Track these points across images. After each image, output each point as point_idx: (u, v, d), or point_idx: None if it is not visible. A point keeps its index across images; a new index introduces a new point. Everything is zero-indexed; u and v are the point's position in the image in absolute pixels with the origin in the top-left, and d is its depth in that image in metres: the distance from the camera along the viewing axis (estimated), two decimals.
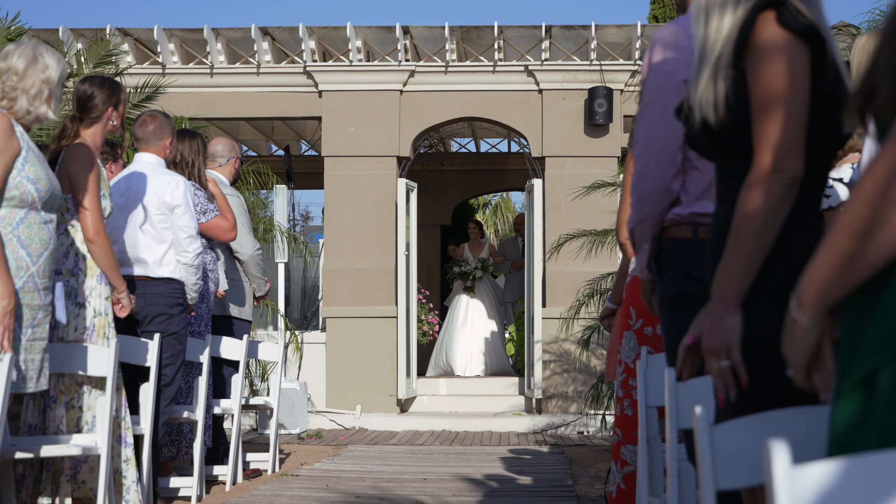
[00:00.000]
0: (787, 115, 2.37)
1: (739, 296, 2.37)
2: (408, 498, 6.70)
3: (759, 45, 2.41)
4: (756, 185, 2.37)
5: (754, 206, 2.37)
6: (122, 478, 5.29)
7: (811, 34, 2.40)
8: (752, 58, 2.43)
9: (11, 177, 4.41)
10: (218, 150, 7.50)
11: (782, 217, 2.38)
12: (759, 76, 2.40)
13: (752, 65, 2.43)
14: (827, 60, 2.43)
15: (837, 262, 1.74)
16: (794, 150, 2.37)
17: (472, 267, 14.00)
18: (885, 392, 1.67)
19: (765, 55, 2.40)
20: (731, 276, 2.38)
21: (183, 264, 6.16)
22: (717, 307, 2.39)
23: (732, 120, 2.46)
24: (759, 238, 2.36)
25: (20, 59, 4.54)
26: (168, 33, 12.48)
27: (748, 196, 2.38)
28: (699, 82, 2.50)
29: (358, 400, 12.06)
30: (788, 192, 2.37)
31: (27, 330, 4.46)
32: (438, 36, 12.43)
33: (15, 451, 4.73)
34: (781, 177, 2.36)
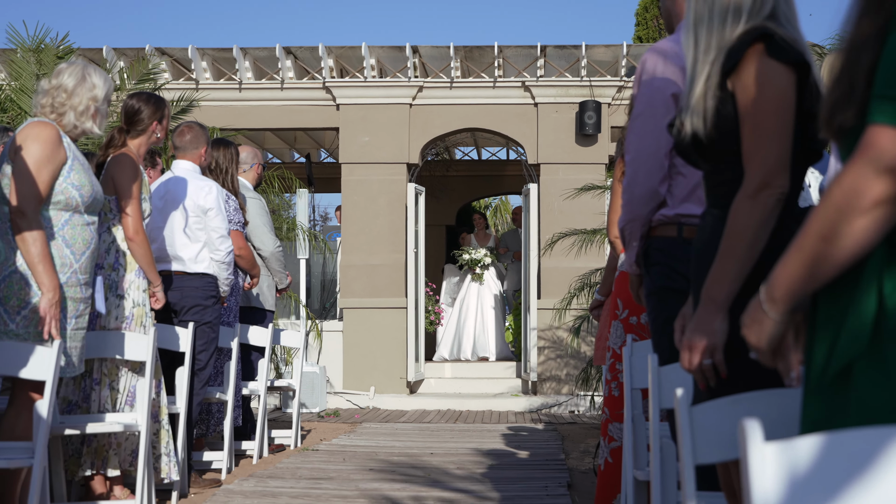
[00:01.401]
0: (777, 138, 2.38)
1: (729, 299, 2.36)
2: (417, 470, 6.69)
3: (751, 74, 2.41)
4: (749, 199, 2.38)
5: (747, 218, 2.37)
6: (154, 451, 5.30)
7: (798, 62, 2.40)
8: (744, 84, 2.42)
9: (58, 183, 4.41)
10: (242, 157, 7.50)
11: (771, 227, 2.39)
12: (752, 103, 2.40)
13: (744, 91, 2.43)
14: (810, 83, 2.43)
15: (806, 262, 1.74)
16: (783, 169, 2.38)
17: (483, 254, 13.91)
18: (861, 382, 1.66)
19: (756, 84, 2.40)
20: (723, 280, 2.37)
21: (215, 261, 6.17)
22: (708, 308, 2.38)
23: (720, 133, 2.45)
24: (752, 246, 2.36)
25: (70, 78, 4.53)
26: (201, 52, 12.49)
27: (742, 209, 2.39)
28: (691, 98, 2.49)
29: (371, 382, 12.08)
30: (777, 206, 2.39)
31: (71, 320, 4.46)
32: (444, 55, 12.43)
33: (64, 427, 4.74)
34: (772, 192, 2.37)
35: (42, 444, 3.94)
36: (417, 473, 6.58)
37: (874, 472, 1.47)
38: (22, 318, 4.27)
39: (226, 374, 6.69)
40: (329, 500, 5.64)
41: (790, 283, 1.80)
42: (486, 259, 13.89)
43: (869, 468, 1.47)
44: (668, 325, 3.30)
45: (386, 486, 6.07)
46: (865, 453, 1.46)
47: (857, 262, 1.69)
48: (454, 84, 12.54)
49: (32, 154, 4.35)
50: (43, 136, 4.39)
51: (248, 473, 6.55)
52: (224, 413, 6.65)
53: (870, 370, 1.65)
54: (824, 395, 1.72)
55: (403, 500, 5.67)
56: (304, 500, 5.64)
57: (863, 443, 1.47)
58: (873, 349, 1.65)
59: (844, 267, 1.70)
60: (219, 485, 6.14)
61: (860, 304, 1.68)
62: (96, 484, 5.19)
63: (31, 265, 4.27)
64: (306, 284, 12.62)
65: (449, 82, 12.54)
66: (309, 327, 11.78)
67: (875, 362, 1.65)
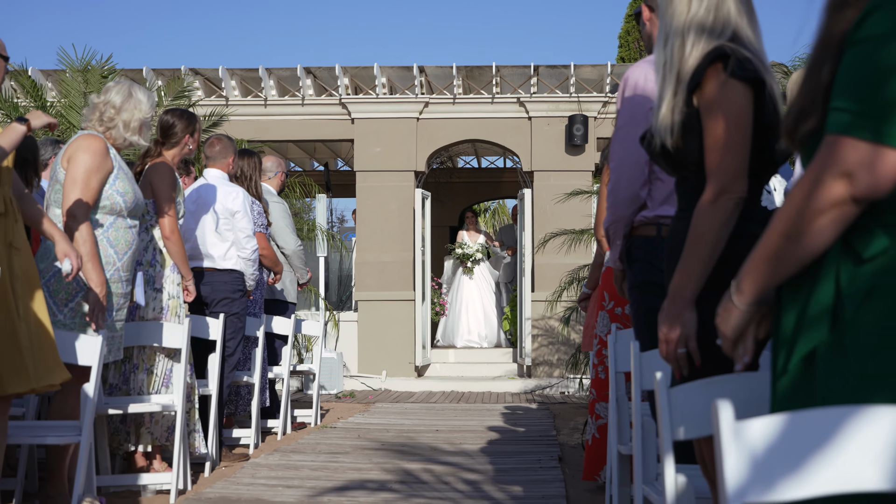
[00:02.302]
0: (735, 148, 2.37)
1: (695, 294, 2.36)
2: (424, 445, 6.69)
3: (711, 91, 2.40)
4: (710, 204, 2.37)
5: (709, 221, 2.37)
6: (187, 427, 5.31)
7: (753, 79, 2.38)
8: (706, 101, 2.41)
9: (105, 190, 4.42)
10: (268, 166, 7.51)
11: (730, 229, 2.38)
12: (713, 117, 2.40)
13: (706, 106, 2.41)
14: (766, 98, 2.41)
15: (771, 259, 1.74)
16: (741, 176, 2.37)
17: (474, 249, 13.79)
18: (822, 366, 1.66)
19: (717, 100, 2.39)
20: (688, 277, 2.36)
21: (242, 258, 6.18)
22: (676, 303, 2.37)
23: (686, 144, 2.45)
24: (713, 246, 2.36)
25: (117, 96, 4.54)
26: (230, 72, 12.48)
27: (703, 212, 2.39)
28: (659, 114, 2.49)
29: (383, 366, 12.07)
30: (736, 210, 2.37)
31: (113, 312, 4.46)
32: (447, 74, 12.42)
33: (108, 408, 4.75)
34: (730, 197, 2.36)
35: (88, 423, 3.94)
36: (424, 448, 6.58)
37: (835, 448, 1.46)
38: (69, 310, 4.28)
39: (253, 359, 6.69)
40: (345, 472, 5.64)
41: (756, 277, 1.80)
42: (477, 254, 13.82)
43: (830, 444, 1.46)
44: (648, 315, 3.30)
45: (397, 459, 6.07)
46: (827, 431, 1.46)
47: (817, 258, 1.69)
48: (456, 100, 12.53)
49: (83, 163, 4.35)
50: (93, 147, 4.39)
51: (273, 448, 6.55)
52: (251, 394, 6.66)
53: (831, 356, 1.65)
54: (791, 379, 1.71)
55: (412, 471, 5.67)
56: (324, 472, 5.64)
57: (824, 421, 1.47)
58: (833, 337, 1.65)
59: (806, 262, 1.70)
60: (247, 458, 6.15)
61: (820, 295, 1.68)
62: (137, 458, 5.20)
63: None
64: (325, 279, 12.64)
65: (452, 98, 12.53)
66: (327, 318, 11.79)
67: (835, 349, 1.64)
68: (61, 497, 4.20)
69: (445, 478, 5.49)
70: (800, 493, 1.47)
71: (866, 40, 1.60)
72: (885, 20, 1.59)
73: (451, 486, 5.27)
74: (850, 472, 1.45)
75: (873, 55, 1.58)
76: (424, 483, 5.33)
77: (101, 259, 4.38)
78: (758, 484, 1.49)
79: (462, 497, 4.97)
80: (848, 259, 1.66)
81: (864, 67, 1.60)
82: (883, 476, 1.44)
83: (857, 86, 1.60)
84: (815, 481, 1.46)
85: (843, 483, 1.45)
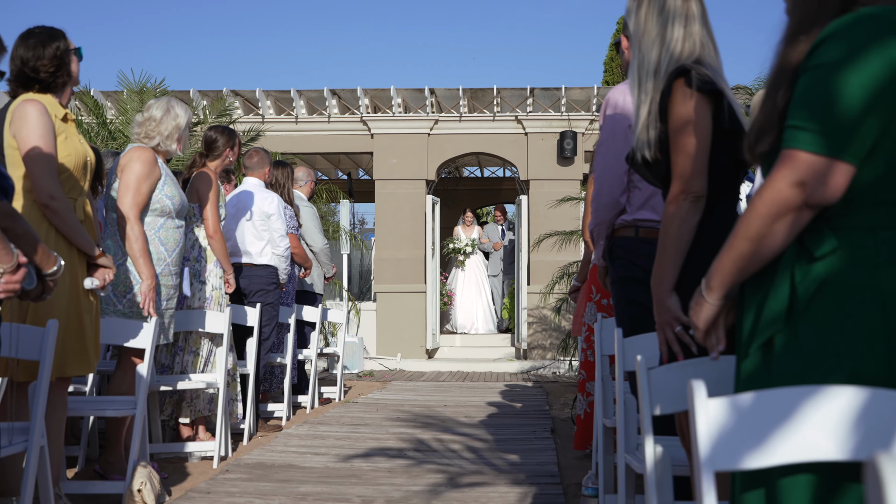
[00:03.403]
0: (692, 151, 2.32)
1: (672, 283, 2.32)
2: (433, 417, 6.70)
3: (674, 102, 2.37)
4: (671, 203, 2.34)
5: (670, 218, 2.33)
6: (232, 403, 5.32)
7: (711, 90, 2.36)
8: (670, 111, 2.39)
9: (154, 194, 4.42)
10: (299, 175, 7.52)
11: (693, 223, 2.32)
12: (672, 124, 2.37)
13: (670, 116, 2.39)
14: (724, 107, 2.39)
15: (736, 259, 1.74)
16: (696, 176, 2.32)
17: (464, 244, 13.66)
18: (780, 351, 1.66)
19: (675, 109, 2.36)
20: (663, 270, 2.34)
21: (276, 255, 6.18)
22: (658, 296, 2.34)
23: (663, 156, 2.43)
24: (678, 240, 2.32)
25: (158, 110, 4.54)
26: (266, 94, 12.49)
27: (667, 211, 2.35)
28: (637, 130, 2.47)
29: (398, 349, 12.08)
30: (695, 206, 2.32)
31: (164, 302, 4.47)
32: (455, 95, 12.42)
33: (159, 384, 4.76)
34: (687, 195, 2.31)
35: (142, 398, 3.95)
36: (434, 420, 6.58)
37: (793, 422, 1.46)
38: (126, 301, 4.28)
39: (285, 343, 6.69)
40: (365, 441, 5.64)
41: (723, 276, 1.79)
42: (468, 248, 13.73)
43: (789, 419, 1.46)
44: (629, 306, 3.30)
45: (410, 430, 6.07)
46: (787, 408, 1.46)
47: (775, 257, 1.69)
48: (462, 118, 12.52)
49: (135, 172, 4.36)
50: (143, 157, 4.40)
51: (302, 420, 6.56)
52: (284, 374, 6.67)
53: (786, 343, 1.65)
54: (752, 362, 1.71)
55: (424, 440, 5.67)
56: (347, 441, 5.65)
57: (784, 399, 1.47)
58: (789, 326, 1.65)
59: (766, 261, 1.70)
60: (280, 429, 6.15)
61: (777, 290, 1.68)
62: (184, 428, 5.21)
63: (133, 259, 4.28)
64: (348, 273, 12.65)
65: (458, 117, 12.52)
66: (350, 307, 11.79)
67: (790, 337, 1.64)
68: (119, 463, 4.21)
69: (453, 446, 5.49)
70: (764, 462, 1.47)
71: (818, 67, 1.60)
72: (834, 49, 1.59)
73: (457, 453, 5.27)
74: (806, 444, 1.45)
75: (824, 79, 1.59)
76: (435, 451, 5.34)
77: (153, 255, 4.38)
78: (727, 453, 1.49)
79: (467, 463, 4.97)
80: (802, 258, 1.66)
81: (816, 90, 1.60)
82: (836, 447, 1.44)
83: (811, 106, 1.60)
84: (776, 452, 1.46)
85: (801, 453, 1.45)
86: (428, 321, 12.16)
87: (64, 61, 3.62)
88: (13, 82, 3.63)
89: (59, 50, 3.61)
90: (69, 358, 3.56)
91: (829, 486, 1.53)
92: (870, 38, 1.57)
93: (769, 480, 1.60)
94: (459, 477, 4.60)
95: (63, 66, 3.63)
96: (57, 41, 3.61)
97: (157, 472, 4.03)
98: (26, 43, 3.59)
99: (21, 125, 3.50)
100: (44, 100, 3.58)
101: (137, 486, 3.77)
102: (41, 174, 3.50)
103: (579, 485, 4.38)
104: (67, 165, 3.60)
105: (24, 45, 3.59)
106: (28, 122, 3.50)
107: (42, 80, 3.60)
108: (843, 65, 1.57)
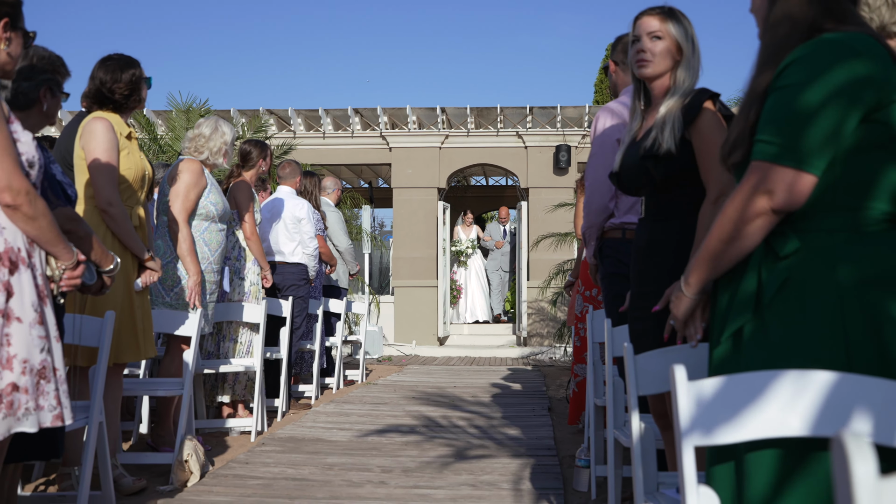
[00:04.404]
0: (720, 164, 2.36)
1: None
2: (444, 397, 6.70)
3: (705, 125, 2.41)
4: (711, 205, 2.36)
5: (710, 218, 2.30)
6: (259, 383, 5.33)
7: (728, 115, 2.43)
8: (698, 131, 2.42)
9: (201, 201, 4.43)
10: (328, 184, 7.53)
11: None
12: (708, 142, 2.39)
13: (699, 135, 2.41)
14: None
15: (710, 258, 1.73)
16: (731, 183, 2.34)
17: (465, 245, 13.54)
18: (748, 340, 1.66)
19: (709, 130, 2.40)
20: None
21: (306, 254, 6.20)
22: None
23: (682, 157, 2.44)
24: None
25: (207, 128, 4.56)
26: (297, 112, 12.51)
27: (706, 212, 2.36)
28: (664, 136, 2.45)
29: (413, 337, 12.09)
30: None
31: (207, 296, 4.49)
32: (463, 113, 12.41)
33: (204, 368, 4.77)
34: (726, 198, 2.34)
35: (189, 380, 3.97)
36: (444, 399, 6.58)
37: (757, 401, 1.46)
38: (174, 294, 4.30)
39: (314, 332, 6.70)
40: (385, 418, 5.65)
41: (700, 273, 1.79)
42: (469, 249, 13.67)
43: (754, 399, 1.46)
44: (616, 299, 3.30)
45: (423, 408, 6.07)
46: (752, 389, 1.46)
47: (745, 257, 1.69)
48: (470, 133, 12.52)
49: (185, 181, 4.38)
50: (192, 169, 4.42)
51: (329, 400, 6.57)
52: (313, 359, 6.68)
53: (754, 333, 1.64)
54: (723, 350, 1.71)
55: (435, 417, 5.67)
56: (368, 417, 5.66)
57: (754, 382, 1.47)
58: (756, 318, 1.65)
59: (738, 260, 1.69)
60: (309, 407, 6.16)
61: (746, 285, 1.67)
62: (225, 408, 5.23)
63: (181, 257, 4.29)
64: (369, 270, 12.68)
65: (466, 132, 12.52)
66: (371, 300, 11.80)
67: (757, 327, 1.64)
68: (168, 436, 4.23)
69: (461, 423, 5.49)
70: (737, 437, 1.47)
71: (785, 87, 1.60)
72: (799, 72, 1.59)
73: (465, 429, 5.27)
74: (773, 421, 1.44)
75: (790, 99, 1.59)
76: (445, 427, 5.34)
77: (198, 254, 4.40)
78: (705, 430, 1.48)
79: (474, 437, 4.97)
80: (768, 257, 1.65)
81: (782, 108, 1.60)
82: (799, 425, 1.44)
83: (777, 123, 1.60)
84: (747, 427, 1.46)
85: (769, 429, 1.45)
86: (439, 312, 12.17)
87: (137, 87, 3.66)
88: (89, 99, 3.67)
89: (134, 77, 3.64)
90: (123, 346, 3.59)
91: (789, 459, 1.53)
92: (831, 62, 1.57)
93: (737, 454, 1.60)
94: (467, 450, 4.60)
95: (135, 91, 3.66)
96: (133, 68, 3.64)
97: (201, 445, 4.05)
98: (106, 66, 3.63)
99: (89, 139, 3.54)
100: (111, 118, 3.61)
101: (185, 457, 3.79)
102: (102, 183, 3.52)
103: (573, 456, 4.38)
104: (127, 177, 3.63)
105: (104, 68, 3.62)
106: (95, 137, 3.53)
107: (116, 100, 3.64)
108: (806, 85, 1.57)
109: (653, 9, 2.56)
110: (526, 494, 3.65)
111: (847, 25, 1.65)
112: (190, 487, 3.73)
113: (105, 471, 3.24)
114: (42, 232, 2.25)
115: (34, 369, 2.20)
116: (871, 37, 1.62)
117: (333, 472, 4.05)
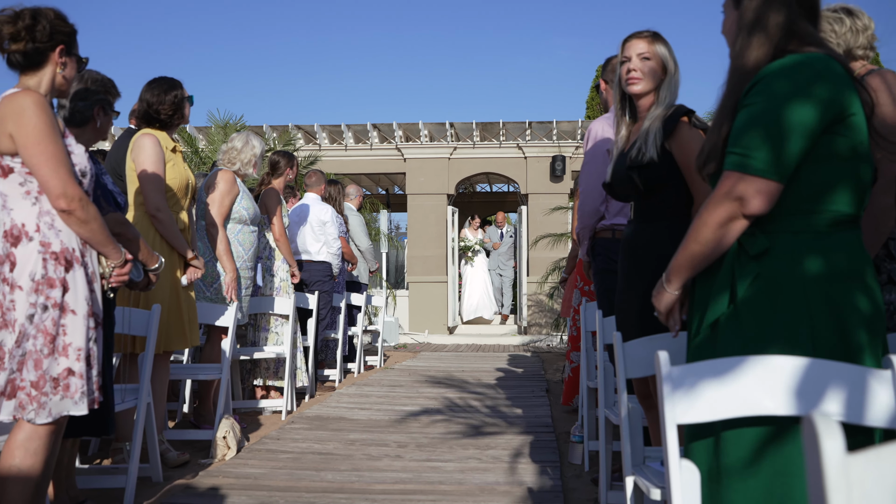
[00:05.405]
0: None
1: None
2: (454, 380, 6.69)
3: (683, 137, 2.42)
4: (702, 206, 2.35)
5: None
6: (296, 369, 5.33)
7: (703, 128, 2.42)
8: (678, 143, 2.42)
9: (234, 207, 4.44)
10: (351, 191, 7.54)
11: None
12: (686, 153, 2.39)
13: (679, 147, 2.42)
14: None
15: (688, 258, 1.72)
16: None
17: (472, 243, 13.42)
18: (723, 329, 1.65)
19: (686, 144, 2.41)
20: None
21: (330, 253, 6.20)
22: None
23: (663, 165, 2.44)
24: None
25: (239, 142, 4.56)
26: (322, 127, 12.52)
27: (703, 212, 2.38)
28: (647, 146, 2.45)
29: (426, 326, 12.08)
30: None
31: (243, 290, 4.49)
32: (469, 127, 12.39)
33: (240, 354, 4.78)
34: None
35: (227, 365, 3.98)
36: (454, 382, 6.58)
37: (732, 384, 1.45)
38: (213, 289, 4.31)
39: (337, 322, 6.71)
40: (400, 399, 5.65)
41: (679, 271, 1.78)
42: (476, 247, 13.65)
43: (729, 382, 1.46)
44: (608, 293, 3.28)
45: (435, 390, 6.07)
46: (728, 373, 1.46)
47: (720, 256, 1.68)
48: (475, 145, 12.50)
49: (220, 189, 4.38)
50: (226, 178, 4.42)
51: (351, 383, 6.58)
52: (337, 346, 6.68)
53: (728, 324, 1.64)
54: (701, 338, 1.70)
55: (446, 398, 5.67)
56: (386, 399, 5.66)
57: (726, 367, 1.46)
58: (730, 309, 1.64)
59: (714, 259, 1.68)
60: (334, 390, 6.17)
61: (721, 280, 1.67)
62: (259, 390, 5.23)
63: (219, 257, 4.30)
64: (386, 267, 12.67)
65: (472, 144, 12.50)
66: (388, 294, 11.81)
67: (731, 319, 1.63)
68: (208, 415, 4.24)
69: (468, 403, 5.49)
70: (715, 415, 1.46)
71: (753, 104, 1.60)
72: (765, 90, 1.58)
73: (472, 408, 5.27)
74: (746, 401, 1.44)
75: (758, 114, 1.58)
76: (454, 407, 5.33)
77: (234, 254, 4.41)
78: (686, 408, 1.48)
79: (480, 416, 4.96)
80: (741, 256, 1.65)
81: (750, 123, 1.59)
82: (773, 404, 1.43)
83: (746, 136, 1.59)
84: (724, 407, 1.45)
85: (745, 408, 1.44)
86: (449, 305, 12.15)
87: (180, 106, 3.67)
88: (139, 119, 3.70)
89: (177, 97, 3.66)
90: (173, 336, 3.60)
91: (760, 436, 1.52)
92: (795, 81, 1.56)
93: (715, 431, 1.59)
94: (474, 427, 4.60)
95: (179, 110, 3.68)
96: (176, 90, 3.66)
97: (238, 423, 4.06)
98: (152, 90, 3.64)
99: (139, 153, 3.57)
100: (158, 135, 3.64)
101: (223, 434, 3.80)
102: (150, 191, 3.54)
103: (568, 433, 4.37)
104: (172, 186, 3.64)
105: (150, 91, 3.64)
106: (144, 151, 3.56)
107: (161, 119, 3.66)
108: (773, 102, 1.56)
109: (641, 32, 2.57)
110: (526, 466, 3.64)
111: (809, 46, 1.64)
112: (228, 461, 3.74)
113: (153, 446, 3.25)
114: (93, 234, 2.27)
115: (86, 357, 2.21)
116: (832, 57, 1.61)
117: (355, 447, 4.05)
